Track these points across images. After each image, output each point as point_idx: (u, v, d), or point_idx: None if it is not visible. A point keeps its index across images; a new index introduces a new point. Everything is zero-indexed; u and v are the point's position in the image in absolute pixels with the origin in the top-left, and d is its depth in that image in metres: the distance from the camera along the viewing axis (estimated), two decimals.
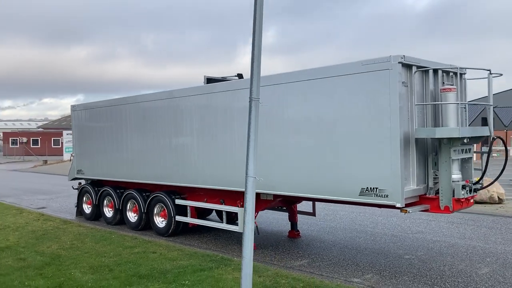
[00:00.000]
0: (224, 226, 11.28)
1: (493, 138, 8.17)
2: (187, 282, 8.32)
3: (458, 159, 8.34)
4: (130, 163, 13.47)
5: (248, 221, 5.61)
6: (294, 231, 12.19)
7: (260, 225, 13.87)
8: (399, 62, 7.78)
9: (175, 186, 12.33)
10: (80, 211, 15.89)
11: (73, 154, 16.13)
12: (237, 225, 10.74)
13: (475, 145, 8.89)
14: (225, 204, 11.27)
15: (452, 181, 8.15)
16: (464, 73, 9.47)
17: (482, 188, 8.66)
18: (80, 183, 16.01)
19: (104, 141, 14.45)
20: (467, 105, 9.21)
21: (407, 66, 8.08)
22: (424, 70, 8.54)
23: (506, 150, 8.63)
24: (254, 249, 10.90)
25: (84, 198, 15.71)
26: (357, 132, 8.33)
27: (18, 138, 67.22)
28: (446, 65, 8.70)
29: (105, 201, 14.68)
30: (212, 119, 10.96)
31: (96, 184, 15.34)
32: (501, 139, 8.32)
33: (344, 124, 8.52)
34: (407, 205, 8.15)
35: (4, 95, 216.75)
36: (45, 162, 50.26)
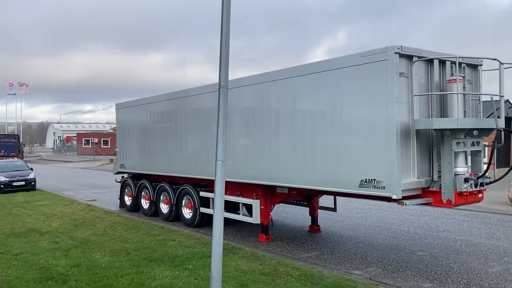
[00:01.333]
0: (239, 217, 11.60)
1: (498, 130, 7.83)
2: (190, 266, 8.72)
3: (464, 151, 8.10)
4: (161, 157, 14.18)
5: (218, 202, 5.87)
6: (314, 226, 12.26)
7: (284, 220, 14.06)
8: (396, 53, 7.71)
9: (201, 180, 12.83)
10: (122, 203, 16.89)
11: (117, 149, 17.17)
12: (252, 217, 10.99)
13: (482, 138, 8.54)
14: (242, 197, 11.58)
15: (455, 174, 7.93)
16: (480, 65, 9.14)
17: (492, 182, 8.31)
18: (122, 177, 17.02)
19: (141, 136, 15.30)
20: (480, 97, 8.89)
21: (407, 57, 7.98)
22: (429, 61, 8.40)
23: (510, 141, 8.20)
24: (269, 241, 11.25)
25: (126, 191, 16.69)
26: (357, 124, 8.34)
27: (90, 139, 71.63)
28: (449, 55, 8.45)
29: (142, 193, 15.53)
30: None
31: (136, 177, 16.24)
32: (509, 130, 7.96)
33: (345, 116, 8.56)
34: (407, 198, 8.04)
35: (86, 100, 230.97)
36: (111, 161, 53.14)
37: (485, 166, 8.62)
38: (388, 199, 8.07)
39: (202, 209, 12.57)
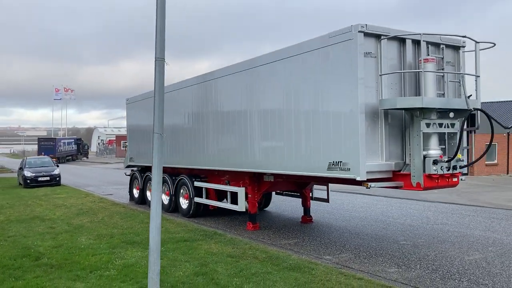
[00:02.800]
0: (225, 205, 11.66)
1: (469, 110, 7.50)
2: (162, 249, 8.81)
3: (436, 133, 7.80)
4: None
5: (155, 175, 5.93)
6: (306, 216, 12.11)
7: (282, 212, 13.96)
8: (360, 31, 7.55)
9: (197, 170, 12.96)
10: (131, 196, 17.26)
11: (127, 144, 17.59)
12: (238, 205, 10.98)
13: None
14: (230, 185, 11.61)
15: (424, 157, 7.65)
16: (462, 46, 8.80)
17: (466, 165, 7.96)
18: (132, 170, 17.41)
19: (146, 129, 15.62)
20: (462, 78, 8.55)
21: (375, 37, 7.80)
22: (401, 42, 8.17)
23: (492, 125, 7.81)
24: (256, 229, 11.21)
25: (134, 184, 17.06)
26: (325, 107, 8.21)
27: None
28: (418, 34, 8.13)
29: (147, 186, 15.83)
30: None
31: (144, 171, 16.56)
32: (484, 112, 7.60)
33: (314, 100, 8.44)
34: (374, 180, 7.83)
35: None
36: None
37: (464, 151, 8.30)
38: (355, 182, 7.89)
39: (196, 199, 12.68)
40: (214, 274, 7.09)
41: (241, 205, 10.87)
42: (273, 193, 14.12)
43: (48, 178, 24.14)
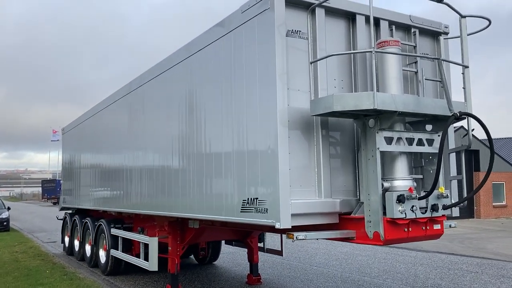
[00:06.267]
0: (134, 260, 8.69)
1: (453, 115, 4.67)
2: None
3: (404, 153, 4.99)
4: (85, 187, 11.69)
5: None
6: (252, 276, 9.07)
7: (232, 265, 10.95)
8: None
9: (125, 213, 10.10)
10: (64, 245, 14.29)
11: (62, 181, 14.84)
12: (148, 262, 8.02)
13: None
14: (143, 234, 8.71)
15: (385, 190, 4.81)
16: (443, 32, 6.12)
17: (453, 205, 5.05)
18: (65, 213, 14.53)
19: (75, 162, 12.92)
20: (440, 67, 5.79)
21: (306, 7, 5.13)
22: (350, 19, 5.51)
23: (491, 142, 4.94)
24: None
25: (66, 230, 14.12)
26: (236, 116, 5.47)
27: None
28: (381, 11, 5.45)
29: (75, 233, 12.90)
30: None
31: (78, 214, 13.67)
32: (475, 117, 4.79)
33: (223, 109, 5.71)
34: (306, 229, 4.95)
35: None
36: None
37: (451, 183, 5.48)
38: (273, 230, 5.04)
39: (113, 252, 9.73)
40: None
41: (153, 263, 7.88)
42: (223, 242, 11.18)
43: None
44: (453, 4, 4.93)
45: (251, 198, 5.11)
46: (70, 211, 14.24)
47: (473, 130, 5.14)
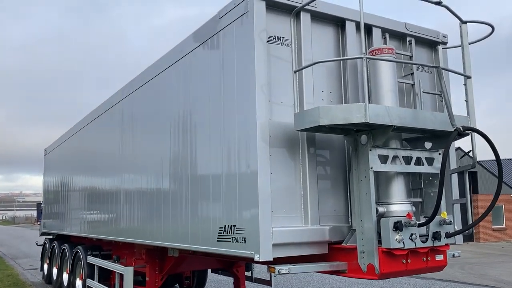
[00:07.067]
0: None
1: (456, 130, 4.11)
2: None
3: (401, 174, 4.41)
4: (60, 212, 11.04)
5: None
6: None
7: None
8: None
9: (98, 240, 9.43)
10: (43, 273, 13.51)
11: (42, 205, 14.17)
12: None
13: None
14: (119, 263, 8.04)
15: (380, 216, 4.22)
16: (442, 42, 5.62)
17: (457, 233, 4.44)
18: (46, 239, 13.79)
19: (55, 183, 12.28)
20: (440, 77, 5.25)
21: (290, 11, 4.62)
22: (340, 26, 5.00)
23: (499, 161, 4.35)
24: None
25: (45, 256, 13.35)
26: (214, 130, 4.90)
27: None
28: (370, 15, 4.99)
29: (54, 260, 12.15)
30: None
31: (59, 239, 12.94)
32: (480, 133, 4.24)
33: (201, 124, 5.15)
34: (291, 261, 4.33)
35: None
36: None
37: (453, 206, 4.89)
38: (253, 262, 4.41)
39: (89, 282, 9.00)
40: None
41: None
42: (209, 270, 10.47)
43: None
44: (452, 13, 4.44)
45: (228, 226, 4.50)
46: (51, 237, 13.55)
47: (469, 151, 4.60)
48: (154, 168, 6.18)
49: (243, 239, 4.24)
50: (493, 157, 4.27)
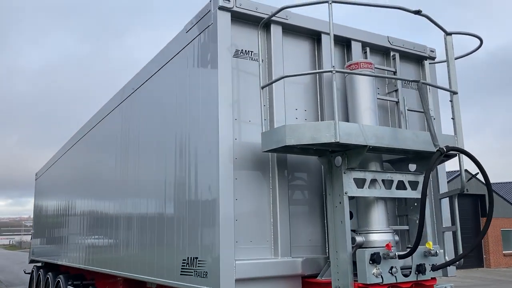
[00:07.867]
0: None
1: (439, 150, 3.69)
2: None
3: (381, 199, 3.98)
4: (46, 239, 10.65)
5: None
6: None
7: None
8: (222, 8, 4.03)
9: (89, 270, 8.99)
10: None
11: (32, 231, 13.80)
12: None
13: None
14: None
15: (356, 246, 3.78)
16: (429, 57, 5.24)
17: (444, 265, 3.97)
18: (35, 266, 13.38)
19: (45, 208, 11.93)
20: (422, 92, 4.87)
21: (257, 22, 4.27)
22: (317, 39, 4.64)
23: (488, 183, 3.88)
24: None
25: (32, 285, 12.94)
26: (179, 153, 4.53)
27: None
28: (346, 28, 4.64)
29: None
30: None
31: (48, 268, 12.54)
32: (466, 153, 3.81)
33: (175, 144, 4.78)
34: None
35: None
36: None
37: (443, 236, 4.44)
38: None
39: None
40: None
41: None
42: None
43: None
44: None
45: (191, 258, 4.08)
46: (39, 264, 13.14)
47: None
48: (121, 195, 5.81)
49: (204, 273, 3.81)
50: (503, 179, 3.84)
